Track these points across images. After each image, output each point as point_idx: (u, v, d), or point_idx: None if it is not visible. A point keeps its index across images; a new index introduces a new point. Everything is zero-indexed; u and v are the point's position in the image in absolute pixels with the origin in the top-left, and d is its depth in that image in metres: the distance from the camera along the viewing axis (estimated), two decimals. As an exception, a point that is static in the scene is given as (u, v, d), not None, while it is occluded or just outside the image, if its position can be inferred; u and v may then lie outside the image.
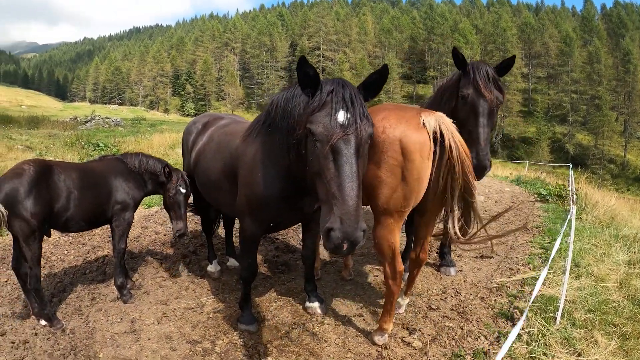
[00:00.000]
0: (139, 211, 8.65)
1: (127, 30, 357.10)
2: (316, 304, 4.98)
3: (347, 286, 5.74)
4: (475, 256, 6.83)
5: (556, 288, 5.37)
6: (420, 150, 3.68)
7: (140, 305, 5.22)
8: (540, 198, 12.30)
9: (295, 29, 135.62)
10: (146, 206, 9.45)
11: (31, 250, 4.40)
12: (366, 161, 2.99)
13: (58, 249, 6.96)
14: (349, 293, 5.54)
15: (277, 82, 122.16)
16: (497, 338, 4.45)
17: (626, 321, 4.72)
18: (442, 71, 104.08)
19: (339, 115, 2.79)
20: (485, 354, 4.18)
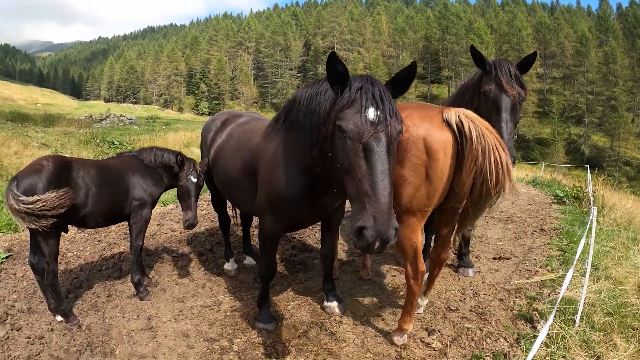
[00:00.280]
0: (155, 209, 8.69)
1: (142, 29, 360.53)
2: (335, 304, 4.94)
3: (365, 286, 5.71)
4: (493, 257, 6.78)
5: (575, 290, 5.30)
6: (444, 148, 3.64)
7: (156, 302, 5.22)
8: (557, 200, 12.18)
9: (309, 29, 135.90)
10: (162, 204, 9.50)
11: (49, 246, 4.41)
12: (395, 159, 2.95)
13: (74, 245, 7.01)
14: (367, 293, 5.51)
15: (291, 82, 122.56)
16: (517, 340, 4.40)
17: (645, 325, 4.63)
18: (457, 71, 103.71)
19: (369, 112, 2.75)
20: (505, 356, 4.13)
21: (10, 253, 6.49)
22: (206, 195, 9.47)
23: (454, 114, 3.70)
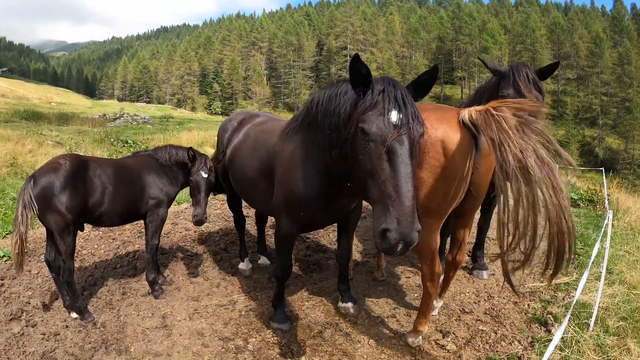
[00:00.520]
0: (169, 208, 8.75)
1: (155, 29, 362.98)
2: (349, 304, 4.95)
3: (380, 287, 5.70)
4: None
5: (589, 294, 5.26)
6: (461, 150, 3.63)
7: (171, 300, 5.25)
8: (571, 203, 12.05)
9: (322, 29, 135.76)
10: (176, 203, 9.56)
11: (65, 243, 4.47)
12: (417, 161, 2.95)
13: (88, 243, 7.08)
14: (382, 294, 5.51)
15: (304, 82, 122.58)
16: (531, 343, 4.38)
17: (659, 330, 4.59)
18: (470, 72, 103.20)
19: (392, 115, 2.75)
20: (519, 359, 4.11)
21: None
22: (220, 194, 9.51)
23: (467, 112, 3.70)
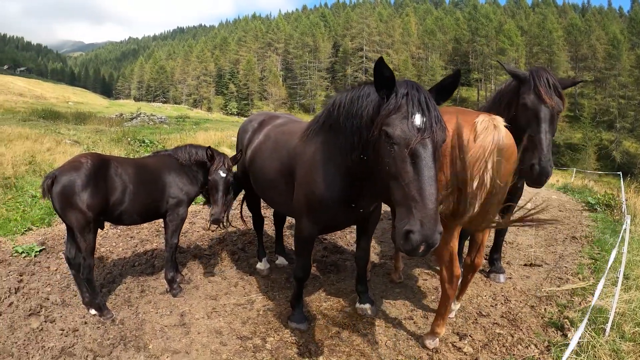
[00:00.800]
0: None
1: (171, 30, 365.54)
2: (367, 305, 4.97)
3: (397, 289, 5.72)
4: (524, 264, 6.72)
5: (606, 299, 5.23)
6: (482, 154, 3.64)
7: (189, 299, 5.31)
8: (588, 207, 11.97)
9: (337, 30, 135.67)
10: (193, 202, 9.64)
11: (86, 241, 4.53)
12: (439, 165, 2.98)
13: (107, 241, 7.19)
14: (399, 296, 5.52)
15: (320, 83, 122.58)
16: (547, 347, 4.36)
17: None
18: (487, 74, 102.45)
19: (416, 119, 2.78)
20: (536, 363, 4.10)
21: (43, 247, 6.69)
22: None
23: (481, 120, 3.72)
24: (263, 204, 6.24)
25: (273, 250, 6.75)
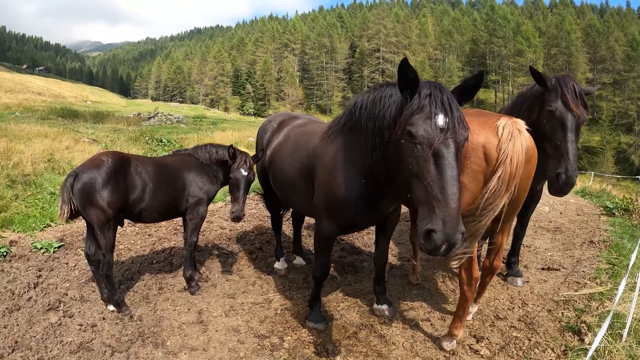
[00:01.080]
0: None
1: (188, 30, 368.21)
2: (385, 306, 4.98)
3: (414, 290, 5.73)
4: (541, 268, 6.68)
5: (623, 305, 5.18)
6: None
7: (207, 297, 5.37)
8: (606, 211, 11.83)
9: (354, 31, 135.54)
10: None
11: (105, 238, 4.60)
12: (461, 165, 2.99)
13: (125, 239, 7.27)
14: (416, 297, 5.53)
15: (337, 84, 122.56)
16: (564, 352, 4.33)
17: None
18: (504, 75, 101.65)
19: (439, 119, 2.80)
20: (553, 367, 4.09)
21: (62, 243, 6.80)
22: (254, 194, 9.64)
23: (502, 124, 3.72)
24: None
25: (291, 250, 6.79)
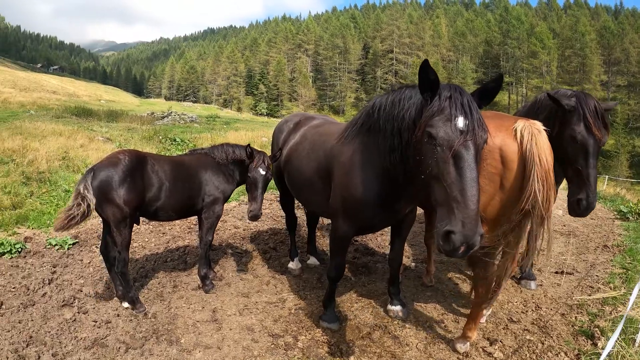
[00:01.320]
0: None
1: (202, 31, 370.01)
2: (399, 307, 5.00)
3: (428, 292, 5.74)
4: (555, 271, 6.65)
5: (636, 309, 5.15)
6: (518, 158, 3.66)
7: (221, 295, 5.42)
8: (620, 216, 11.73)
9: (367, 32, 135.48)
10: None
11: (121, 235, 4.65)
12: (479, 167, 3.01)
13: (139, 236, 7.36)
14: (430, 299, 5.54)
15: (350, 85, 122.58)
16: (577, 355, 4.33)
17: None
18: (518, 77, 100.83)
19: (459, 121, 2.82)
20: (565, 371, 4.09)
21: (77, 240, 6.91)
22: (268, 194, 9.67)
23: (520, 127, 3.72)
24: (296, 204, 6.29)
25: (305, 250, 6.83)
